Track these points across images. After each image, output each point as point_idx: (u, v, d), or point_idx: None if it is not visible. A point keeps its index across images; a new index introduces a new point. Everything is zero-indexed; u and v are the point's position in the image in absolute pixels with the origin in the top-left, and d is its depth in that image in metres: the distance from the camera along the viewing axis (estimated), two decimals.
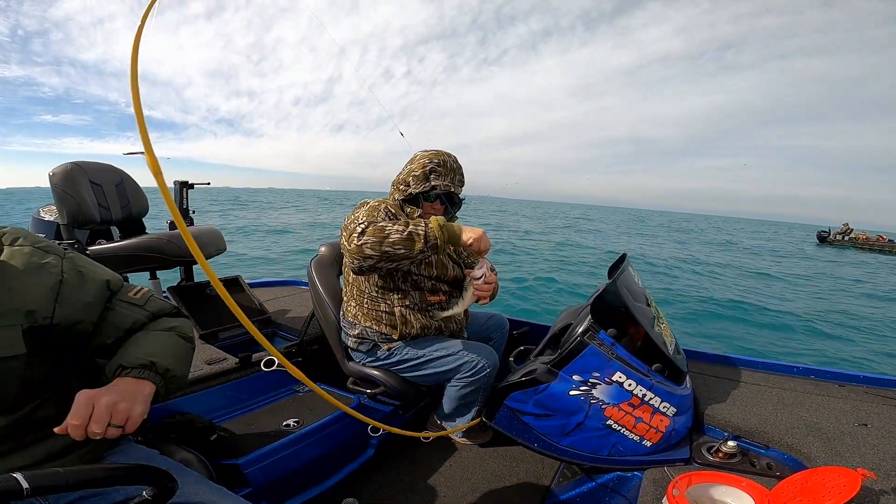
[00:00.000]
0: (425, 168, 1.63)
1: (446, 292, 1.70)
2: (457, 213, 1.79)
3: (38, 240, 0.88)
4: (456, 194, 1.69)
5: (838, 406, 1.46)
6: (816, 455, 1.18)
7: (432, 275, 1.66)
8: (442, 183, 1.63)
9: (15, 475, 0.52)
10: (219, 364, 1.80)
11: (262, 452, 1.39)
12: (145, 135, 0.90)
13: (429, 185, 1.63)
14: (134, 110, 0.91)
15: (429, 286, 1.67)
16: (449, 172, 1.66)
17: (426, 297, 1.67)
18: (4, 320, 0.76)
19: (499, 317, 2.02)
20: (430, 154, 1.67)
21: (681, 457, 1.32)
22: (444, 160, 1.66)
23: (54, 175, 2.05)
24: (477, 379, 1.63)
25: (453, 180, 1.67)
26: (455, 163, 1.69)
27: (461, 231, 1.45)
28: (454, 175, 1.67)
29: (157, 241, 2.08)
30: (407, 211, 1.68)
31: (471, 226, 1.49)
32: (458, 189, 1.68)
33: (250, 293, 2.50)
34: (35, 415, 0.82)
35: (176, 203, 2.66)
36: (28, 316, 0.78)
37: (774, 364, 1.81)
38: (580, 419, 1.37)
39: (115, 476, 0.62)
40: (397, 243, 1.38)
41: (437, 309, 1.68)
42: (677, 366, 1.42)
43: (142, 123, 0.91)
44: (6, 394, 0.78)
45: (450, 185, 1.65)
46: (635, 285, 1.59)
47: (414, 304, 1.66)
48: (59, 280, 0.84)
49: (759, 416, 1.40)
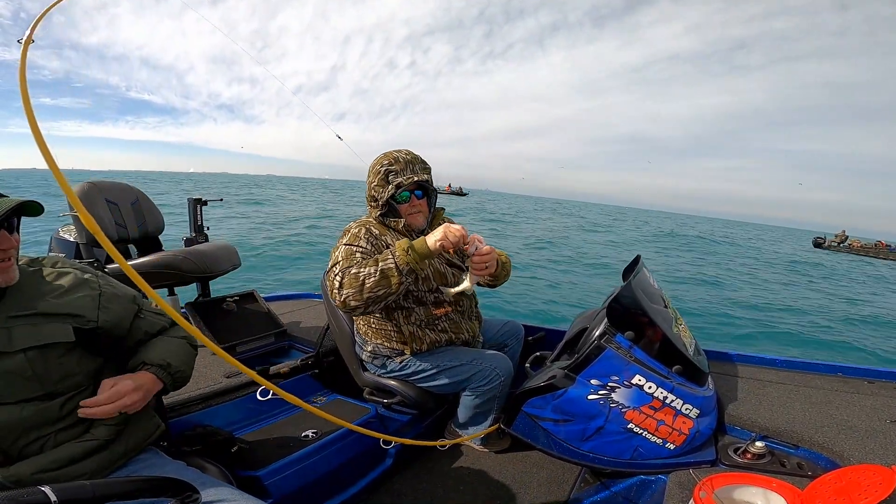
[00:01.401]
0: (379, 174, 1.60)
1: (451, 302, 1.67)
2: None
3: (75, 263, 1.06)
4: (425, 182, 1.63)
5: (869, 403, 1.42)
6: (849, 453, 1.14)
7: (432, 287, 1.63)
8: (403, 178, 1.58)
9: (43, 488, 0.53)
10: (237, 377, 1.81)
11: (282, 464, 1.39)
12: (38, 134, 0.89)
13: (392, 186, 1.59)
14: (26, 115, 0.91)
15: (431, 300, 1.65)
16: (406, 165, 1.60)
17: (431, 311, 1.65)
18: (59, 318, 0.92)
19: (513, 324, 1.99)
20: (379, 158, 1.64)
21: (706, 459, 1.29)
22: (396, 156, 1.61)
23: None
24: (492, 388, 1.61)
25: (414, 170, 1.61)
26: (408, 154, 1.63)
27: (427, 242, 1.39)
28: (413, 165, 1.62)
29: (174, 257, 2.11)
30: (391, 223, 1.64)
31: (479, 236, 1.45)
32: (423, 176, 1.62)
33: (265, 307, 2.52)
34: (66, 406, 0.92)
35: (190, 219, 2.71)
36: (77, 318, 0.94)
37: (799, 362, 1.77)
38: (600, 423, 1.35)
39: (140, 488, 0.62)
40: (375, 286, 1.38)
41: (444, 321, 1.66)
42: (698, 367, 1.39)
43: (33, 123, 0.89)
44: (48, 380, 0.89)
45: (412, 176, 1.59)
46: (651, 287, 1.57)
47: (420, 320, 1.64)
48: (99, 293, 1.00)
49: (787, 415, 1.36)
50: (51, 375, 0.89)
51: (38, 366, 0.88)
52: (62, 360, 0.91)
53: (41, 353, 0.88)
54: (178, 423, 1.55)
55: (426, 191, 1.67)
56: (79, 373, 0.95)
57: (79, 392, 0.94)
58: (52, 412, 0.89)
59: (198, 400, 1.66)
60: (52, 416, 0.90)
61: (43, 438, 0.88)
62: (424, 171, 1.64)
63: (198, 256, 2.15)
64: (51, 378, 0.90)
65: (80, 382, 0.95)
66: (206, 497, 0.81)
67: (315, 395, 1.98)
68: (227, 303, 2.38)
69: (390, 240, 1.60)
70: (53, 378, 0.90)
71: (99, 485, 0.58)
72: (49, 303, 0.92)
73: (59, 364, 0.91)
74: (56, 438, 0.90)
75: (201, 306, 2.31)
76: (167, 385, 1.03)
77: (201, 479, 0.95)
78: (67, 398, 0.92)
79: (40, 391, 0.88)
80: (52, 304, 0.92)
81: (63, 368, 0.91)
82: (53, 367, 0.90)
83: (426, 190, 1.67)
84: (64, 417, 0.91)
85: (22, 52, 1.01)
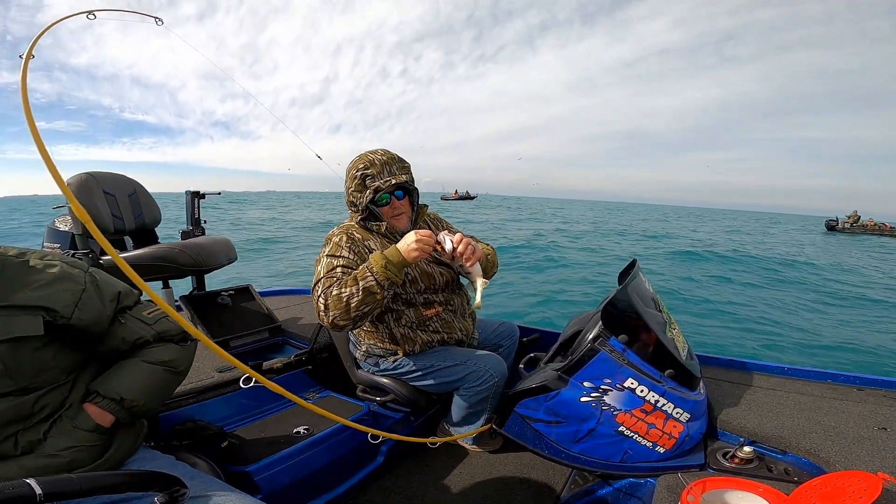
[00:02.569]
0: (356, 178, 1.57)
1: (442, 302, 1.67)
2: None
3: (65, 257, 1.01)
4: (404, 183, 1.58)
5: (857, 410, 1.43)
6: (835, 459, 1.15)
7: (420, 289, 1.62)
8: (381, 181, 1.54)
9: (28, 481, 0.52)
10: (230, 372, 1.81)
11: (272, 460, 1.39)
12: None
13: (370, 191, 1.55)
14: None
15: (421, 300, 1.64)
16: (382, 168, 1.56)
17: (421, 312, 1.64)
18: (31, 311, 0.88)
19: (509, 324, 1.99)
20: (355, 162, 1.59)
21: (695, 463, 1.30)
22: (371, 159, 1.57)
23: (69, 185, 2.09)
24: (484, 389, 1.61)
25: (391, 171, 1.57)
26: (384, 155, 1.58)
27: (402, 252, 1.38)
28: (390, 166, 1.57)
29: (169, 250, 2.11)
30: (373, 227, 1.61)
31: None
32: (401, 177, 1.57)
33: (261, 302, 2.51)
34: (40, 402, 0.90)
35: (188, 212, 2.71)
36: (49, 312, 0.89)
37: (790, 368, 1.77)
38: (592, 426, 1.35)
39: (127, 482, 0.62)
40: (360, 304, 1.37)
41: (436, 321, 1.65)
42: (690, 371, 1.40)
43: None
44: (20, 375, 0.86)
45: (389, 178, 1.55)
46: (646, 291, 1.58)
47: (410, 322, 1.63)
48: (82, 290, 0.95)
49: (776, 420, 1.37)
50: (23, 370, 0.86)
51: (9, 360, 0.84)
52: (37, 354, 0.88)
53: (12, 346, 0.85)
54: (168, 418, 1.55)
55: (406, 190, 1.64)
56: (54, 367, 0.92)
57: (55, 387, 0.92)
58: (25, 408, 0.87)
59: (189, 394, 1.66)
60: (25, 412, 0.87)
61: (17, 435, 0.86)
62: (403, 171, 1.60)
63: (194, 250, 2.15)
64: (24, 373, 0.87)
65: (57, 377, 0.93)
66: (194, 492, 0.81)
67: (308, 391, 1.98)
68: (222, 297, 2.38)
69: (373, 244, 1.58)
70: (27, 373, 0.87)
71: (85, 478, 0.57)
72: (26, 294, 0.88)
73: (33, 358, 0.88)
74: (27, 435, 0.87)
75: (195, 300, 2.30)
76: (119, 418, 0.97)
77: (190, 474, 0.95)
78: (43, 393, 0.90)
79: (13, 386, 0.85)
80: (29, 296, 0.88)
81: (38, 363, 0.88)
82: (26, 362, 0.87)
83: (406, 189, 1.63)
84: (37, 413, 0.89)
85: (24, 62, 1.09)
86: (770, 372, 1.79)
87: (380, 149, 1.61)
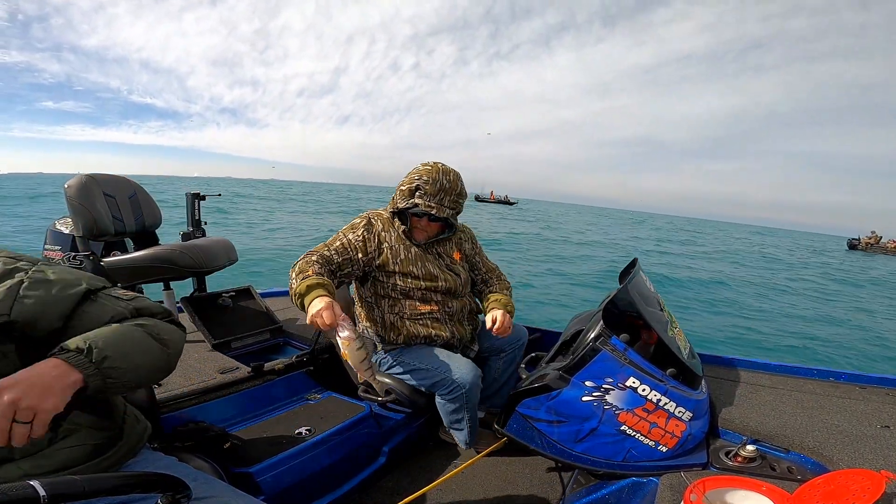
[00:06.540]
0: (412, 184, 1.58)
1: (439, 302, 1.68)
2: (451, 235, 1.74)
3: (12, 253, 0.91)
4: (440, 217, 1.58)
5: (860, 408, 1.43)
6: (839, 458, 1.15)
7: (420, 285, 1.64)
8: (423, 202, 1.55)
9: (32, 483, 0.52)
10: (231, 373, 1.81)
11: (275, 461, 1.39)
12: None
13: (412, 201, 1.57)
14: None
15: (419, 295, 1.65)
16: (436, 193, 1.55)
17: (416, 305, 1.65)
18: None
19: (517, 327, 1.89)
20: (423, 169, 1.59)
21: (698, 462, 1.30)
22: (435, 178, 1.55)
23: (69, 188, 2.09)
24: (456, 397, 1.59)
25: (441, 202, 1.56)
26: (449, 182, 1.57)
27: (308, 305, 1.36)
28: (443, 196, 1.56)
29: (170, 251, 2.11)
30: (395, 224, 1.66)
31: None
32: (443, 211, 1.56)
33: (261, 303, 2.51)
34: None
35: (189, 214, 2.71)
36: None
37: (792, 367, 1.77)
38: (594, 425, 1.35)
39: (131, 484, 0.62)
40: (293, 295, 1.41)
41: (428, 318, 1.67)
42: (692, 370, 1.40)
43: None
44: None
45: (431, 206, 1.55)
46: (647, 290, 1.58)
47: (403, 312, 1.65)
48: (20, 282, 0.84)
49: (778, 419, 1.37)
50: None
51: None
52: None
53: None
54: (170, 419, 1.55)
55: (447, 224, 1.67)
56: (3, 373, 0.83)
57: None
58: None
59: (191, 395, 1.66)
60: None
61: None
62: (452, 205, 1.60)
63: (194, 251, 2.15)
64: None
65: None
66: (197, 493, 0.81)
67: (310, 392, 1.98)
68: (223, 298, 2.38)
69: (387, 236, 1.63)
70: None
71: (89, 480, 0.57)
72: None
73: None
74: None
75: (196, 301, 2.30)
76: (88, 378, 0.73)
77: (193, 476, 0.94)
78: None
79: None
80: None
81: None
82: None
83: (447, 223, 1.67)
84: None
85: None
86: (772, 370, 1.79)
87: (453, 172, 1.61)
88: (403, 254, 1.64)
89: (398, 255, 1.63)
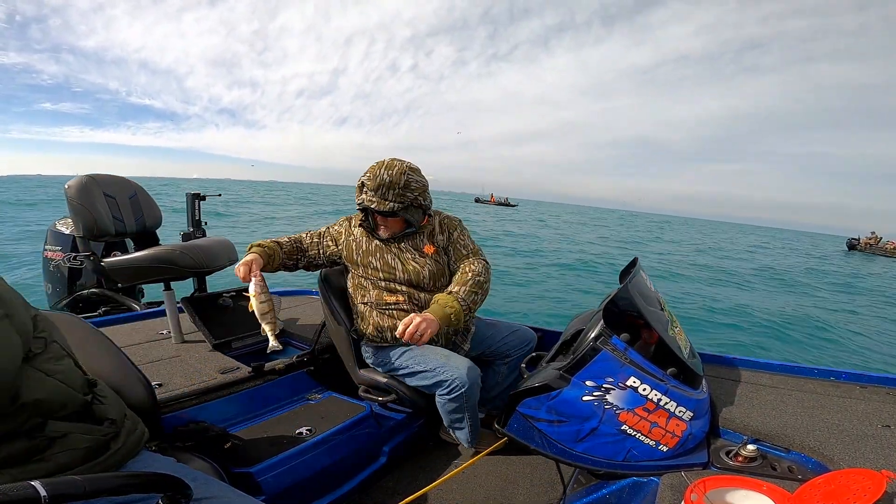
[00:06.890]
0: (360, 180, 1.62)
1: (405, 293, 1.68)
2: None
3: None
4: (383, 210, 1.59)
5: (861, 408, 1.43)
6: (839, 458, 1.15)
7: (378, 275, 1.68)
8: (366, 198, 1.59)
9: (33, 483, 0.52)
10: (232, 373, 1.81)
11: (276, 460, 1.40)
12: None
13: (360, 198, 1.63)
14: None
15: (382, 286, 1.68)
16: (377, 188, 1.57)
17: (382, 296, 1.68)
18: None
19: (524, 331, 1.88)
20: (371, 167, 1.62)
21: (698, 461, 1.30)
22: (376, 174, 1.58)
23: (70, 188, 2.09)
24: (456, 397, 1.58)
25: (384, 196, 1.57)
26: (391, 177, 1.57)
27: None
28: (385, 191, 1.57)
29: (171, 252, 2.11)
30: (362, 221, 1.74)
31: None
32: (384, 205, 1.58)
33: None
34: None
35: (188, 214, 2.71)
36: None
37: (793, 366, 1.77)
38: (594, 425, 1.35)
39: (131, 484, 0.62)
40: None
41: (394, 309, 1.68)
42: (693, 370, 1.40)
43: None
44: None
45: (373, 201, 1.58)
46: (648, 290, 1.58)
47: (371, 302, 1.69)
48: None
49: (779, 418, 1.37)
50: None
51: None
52: None
53: None
54: (171, 419, 1.55)
55: (393, 214, 1.65)
56: None
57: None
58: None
59: (191, 395, 1.66)
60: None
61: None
62: (397, 198, 1.58)
63: (195, 251, 2.15)
64: None
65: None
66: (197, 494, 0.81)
67: (310, 392, 1.98)
68: (224, 298, 2.38)
69: (356, 231, 1.75)
70: None
71: (90, 479, 0.57)
72: None
73: None
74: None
75: (197, 301, 2.30)
76: None
77: (193, 476, 0.94)
78: None
79: None
80: None
81: None
82: None
83: (391, 213, 1.65)
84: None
85: None
86: (772, 370, 1.79)
87: (399, 166, 1.60)
88: (365, 245, 1.73)
89: (361, 247, 1.73)
